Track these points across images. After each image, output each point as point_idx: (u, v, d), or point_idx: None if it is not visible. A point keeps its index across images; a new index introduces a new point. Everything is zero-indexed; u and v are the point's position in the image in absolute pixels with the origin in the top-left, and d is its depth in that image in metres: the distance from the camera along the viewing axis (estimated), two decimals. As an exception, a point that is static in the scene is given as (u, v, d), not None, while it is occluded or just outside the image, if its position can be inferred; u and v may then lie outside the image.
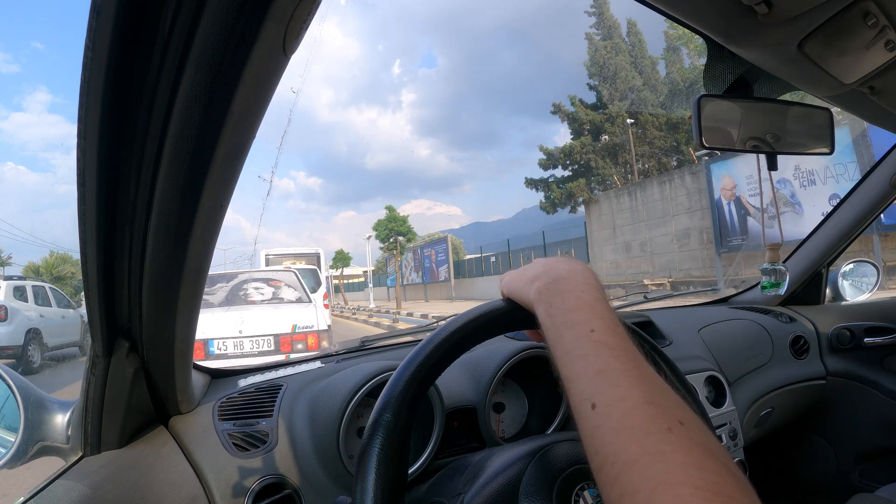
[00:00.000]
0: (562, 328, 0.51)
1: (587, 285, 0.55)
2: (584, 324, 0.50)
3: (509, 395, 1.19)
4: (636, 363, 0.46)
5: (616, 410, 0.42)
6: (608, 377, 0.45)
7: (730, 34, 0.85)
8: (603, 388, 0.44)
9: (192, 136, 0.47)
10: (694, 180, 16.22)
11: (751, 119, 1.05)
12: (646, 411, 0.41)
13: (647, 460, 0.38)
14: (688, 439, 0.39)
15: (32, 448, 0.83)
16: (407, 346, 1.38)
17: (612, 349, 0.47)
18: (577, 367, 0.47)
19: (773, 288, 1.32)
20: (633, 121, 22.94)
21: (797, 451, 1.89)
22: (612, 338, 0.48)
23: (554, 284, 0.55)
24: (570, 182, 24.01)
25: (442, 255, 29.82)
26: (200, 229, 0.58)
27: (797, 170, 12.13)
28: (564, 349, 0.49)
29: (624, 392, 0.43)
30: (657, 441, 0.39)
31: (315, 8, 0.42)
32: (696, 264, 16.24)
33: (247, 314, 5.70)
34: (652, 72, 24.05)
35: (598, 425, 0.42)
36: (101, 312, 0.65)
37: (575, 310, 0.51)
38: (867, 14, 0.80)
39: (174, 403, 0.92)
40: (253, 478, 0.89)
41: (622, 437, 0.40)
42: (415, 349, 0.60)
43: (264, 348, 5.41)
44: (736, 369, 1.56)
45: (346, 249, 37.28)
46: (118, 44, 0.40)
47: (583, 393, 0.45)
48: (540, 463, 0.66)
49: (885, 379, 1.72)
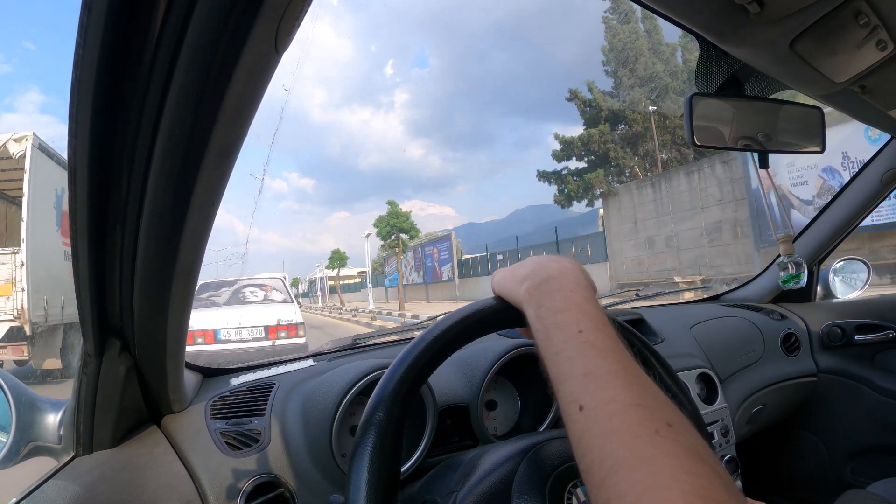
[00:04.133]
0: (550, 329, 0.50)
1: (577, 284, 0.54)
2: (572, 324, 0.49)
3: (502, 393, 1.19)
4: (624, 364, 0.46)
5: (603, 413, 0.42)
6: (595, 379, 0.45)
7: (722, 33, 0.85)
8: (590, 390, 0.44)
9: (184, 133, 0.47)
10: (726, 169, 15.40)
11: (742, 118, 1.05)
12: (633, 413, 0.41)
13: (634, 464, 0.38)
14: (675, 442, 0.39)
15: (24, 448, 0.83)
16: (398, 345, 1.38)
17: (600, 350, 0.47)
18: (565, 368, 0.47)
19: (793, 280, 1.32)
20: (656, 107, 21.96)
21: (789, 447, 1.90)
22: (599, 338, 0.48)
23: (543, 285, 0.55)
24: (588, 173, 22.90)
25: (445, 253, 28.99)
26: (192, 228, 0.58)
27: (845, 158, 11.61)
28: (553, 350, 0.49)
29: (611, 394, 0.43)
30: (644, 444, 0.39)
31: (307, 5, 0.42)
32: (730, 260, 15.38)
33: (245, 310, 7.89)
34: (671, 57, 23.24)
35: (586, 428, 0.42)
36: (92, 312, 0.65)
37: (564, 310, 0.51)
38: (859, 13, 0.80)
39: (166, 403, 0.91)
40: (246, 477, 0.88)
41: (609, 439, 0.40)
42: (407, 347, 0.60)
43: (257, 336, 7.54)
44: (728, 366, 1.57)
45: (341, 249, 36.31)
46: (109, 41, 0.40)
47: (571, 395, 0.45)
48: (532, 460, 0.66)
49: (875, 376, 1.73)
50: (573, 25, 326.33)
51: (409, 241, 29.24)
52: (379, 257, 41.88)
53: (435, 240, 32.24)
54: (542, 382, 0.50)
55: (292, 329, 7.65)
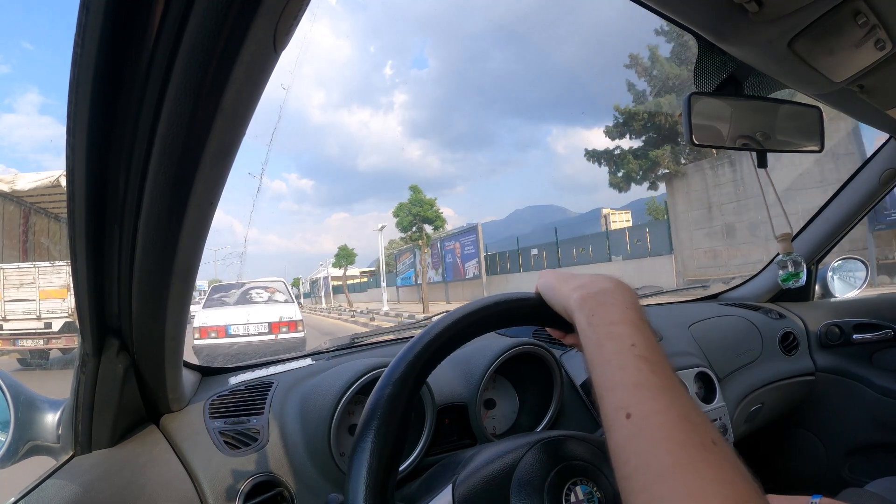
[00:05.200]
0: (603, 338, 0.52)
1: (632, 304, 0.56)
2: (626, 337, 0.51)
3: (500, 392, 1.20)
4: (673, 382, 0.48)
5: (652, 422, 0.44)
6: (647, 390, 0.46)
7: (720, 32, 0.85)
8: (640, 400, 0.46)
9: (182, 132, 0.47)
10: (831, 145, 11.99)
11: (741, 117, 1.05)
12: (681, 426, 0.43)
13: (680, 471, 0.40)
14: (719, 456, 0.41)
15: (23, 447, 0.83)
16: (397, 343, 1.38)
17: (652, 364, 0.49)
18: (614, 376, 0.49)
19: (792, 279, 1.32)
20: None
21: (787, 446, 1.90)
22: (652, 354, 0.50)
23: (599, 296, 0.57)
24: (654, 150, 19.07)
25: (470, 247, 24.57)
26: (190, 227, 0.58)
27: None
28: (604, 358, 0.51)
29: (661, 406, 0.45)
30: (691, 455, 0.41)
31: (305, 4, 0.42)
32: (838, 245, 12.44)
33: (251, 309, 9.35)
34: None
35: (632, 435, 0.44)
36: (90, 311, 0.65)
37: (619, 323, 0.53)
38: (857, 13, 0.80)
39: (165, 402, 0.91)
40: (244, 476, 0.88)
41: (657, 447, 0.42)
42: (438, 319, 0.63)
43: (262, 331, 8.83)
44: (726, 365, 1.57)
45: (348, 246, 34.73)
46: (107, 40, 0.40)
47: (619, 402, 0.46)
48: (535, 454, 0.67)
49: (873, 375, 1.74)
50: (572, 25, 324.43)
51: (435, 232, 25.59)
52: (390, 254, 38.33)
53: (457, 233, 26.98)
54: (541, 381, 0.51)
55: (292, 325, 8.98)
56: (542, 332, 1.38)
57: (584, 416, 1.19)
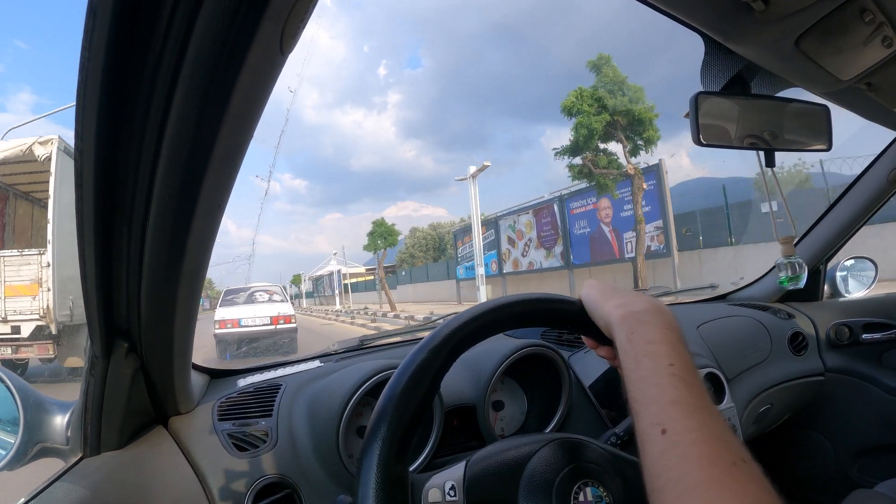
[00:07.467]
0: (641, 356, 0.54)
1: (671, 325, 0.58)
2: (664, 356, 0.53)
3: (508, 394, 1.19)
4: (708, 402, 0.50)
5: (686, 438, 0.46)
6: (682, 408, 0.48)
7: (727, 31, 0.85)
8: (676, 417, 0.47)
9: (190, 136, 0.47)
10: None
11: (748, 116, 1.05)
12: (714, 444, 0.45)
13: (710, 487, 0.42)
14: (749, 475, 0.43)
15: (32, 449, 0.83)
16: (405, 345, 1.38)
17: (689, 384, 0.50)
18: (651, 393, 0.50)
19: (792, 282, 1.32)
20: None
21: (796, 447, 1.89)
22: (689, 375, 0.51)
23: (640, 315, 0.58)
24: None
25: (644, 203, 13.29)
26: (198, 229, 0.58)
27: None
28: (641, 374, 0.52)
29: (696, 424, 0.47)
30: (722, 471, 0.43)
31: (312, 6, 0.42)
32: None
33: (256, 306, 12.43)
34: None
35: (666, 449, 0.46)
36: (99, 313, 0.65)
37: (658, 342, 0.55)
38: (864, 10, 0.80)
39: (173, 404, 0.92)
40: (253, 478, 0.88)
41: (689, 463, 0.44)
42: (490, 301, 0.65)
43: (266, 322, 11.82)
44: (734, 366, 1.56)
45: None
46: (115, 44, 0.40)
47: (654, 417, 0.48)
48: (551, 450, 0.68)
49: (883, 375, 1.72)
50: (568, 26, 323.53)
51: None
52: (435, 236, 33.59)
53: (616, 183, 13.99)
54: (549, 383, 0.51)
55: (287, 318, 12.07)
56: (551, 333, 1.38)
57: (593, 418, 1.18)
